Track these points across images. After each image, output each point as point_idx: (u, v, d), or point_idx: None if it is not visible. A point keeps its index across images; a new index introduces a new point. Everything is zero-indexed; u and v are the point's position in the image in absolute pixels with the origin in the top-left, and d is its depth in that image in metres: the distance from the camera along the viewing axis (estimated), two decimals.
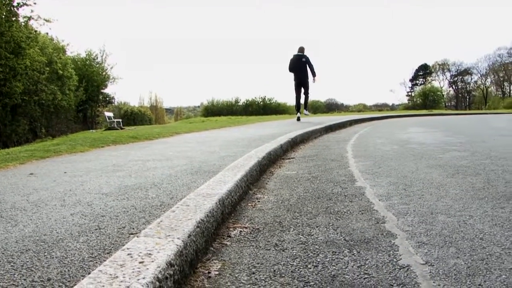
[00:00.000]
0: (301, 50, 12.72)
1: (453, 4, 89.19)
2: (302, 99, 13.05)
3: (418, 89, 62.58)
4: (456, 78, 65.73)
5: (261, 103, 39.01)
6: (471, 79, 64.93)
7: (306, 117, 13.86)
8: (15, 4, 17.68)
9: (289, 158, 5.01)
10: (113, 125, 21.73)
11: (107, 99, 32.51)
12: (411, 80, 69.36)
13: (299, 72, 12.59)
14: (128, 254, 1.48)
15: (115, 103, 35.86)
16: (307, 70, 12.63)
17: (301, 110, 13.06)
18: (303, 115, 13.22)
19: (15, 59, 17.67)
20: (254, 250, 1.91)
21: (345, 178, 3.54)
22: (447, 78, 66.86)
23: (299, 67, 12.56)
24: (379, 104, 65.27)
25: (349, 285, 1.51)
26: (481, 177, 3.31)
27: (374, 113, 29.99)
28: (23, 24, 18.58)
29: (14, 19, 17.77)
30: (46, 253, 1.71)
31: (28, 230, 2.04)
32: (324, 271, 1.64)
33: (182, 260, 1.56)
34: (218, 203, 2.28)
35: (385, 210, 2.47)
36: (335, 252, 1.83)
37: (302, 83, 12.74)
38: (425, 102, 48.43)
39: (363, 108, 57.69)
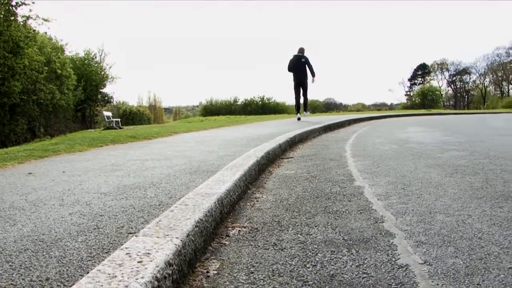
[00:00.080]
0: (301, 51, 12.79)
1: (452, 4, 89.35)
2: (301, 99, 13.11)
3: (416, 88, 62.57)
4: (455, 78, 65.82)
5: (260, 102, 38.99)
6: (470, 78, 65.11)
7: (306, 117, 13.89)
8: (13, 3, 17.67)
9: (287, 158, 5.01)
10: (111, 125, 21.71)
11: (106, 98, 32.49)
12: (409, 80, 69.48)
13: (298, 72, 12.65)
14: (127, 254, 1.47)
15: (114, 102, 35.88)
16: (307, 70, 12.71)
17: (301, 111, 13.12)
18: (302, 115, 13.27)
19: (13, 58, 17.65)
20: (253, 249, 1.91)
21: (343, 178, 3.54)
22: (445, 78, 67.03)
23: (299, 68, 12.61)
24: (377, 103, 65.40)
25: (348, 284, 1.51)
26: (480, 176, 3.32)
27: (372, 112, 30.00)
28: (21, 23, 18.56)
29: (12, 18, 17.74)
30: (44, 253, 1.71)
31: (27, 229, 2.03)
32: (322, 270, 1.64)
33: (180, 259, 1.56)
34: (217, 202, 2.28)
35: (384, 210, 2.47)
36: (334, 252, 1.83)
37: (301, 84, 12.80)
38: (424, 101, 48.40)
39: (361, 107, 57.72)
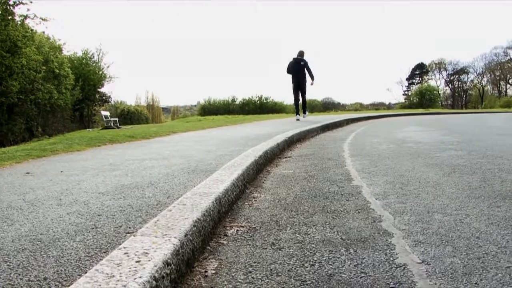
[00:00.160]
0: (301, 54, 12.87)
1: (450, 3, 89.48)
2: (300, 100, 13.15)
3: (414, 88, 62.64)
4: (453, 77, 65.87)
5: (258, 102, 38.94)
6: (468, 78, 65.17)
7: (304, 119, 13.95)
8: (11, 2, 17.60)
9: (286, 157, 5.02)
10: (109, 124, 21.67)
11: (104, 98, 32.37)
12: (407, 79, 69.51)
13: (297, 75, 12.76)
14: (125, 253, 1.47)
15: (112, 102, 35.73)
16: (305, 74, 12.81)
17: (300, 113, 13.20)
18: (302, 117, 13.32)
19: (11, 58, 17.58)
20: (251, 249, 1.91)
21: (341, 177, 3.54)
22: (443, 77, 67.08)
23: (298, 71, 12.73)
24: (376, 103, 65.28)
25: (346, 284, 1.52)
26: (478, 176, 3.33)
27: (371, 112, 30.05)
28: (19, 23, 18.48)
29: (10, 17, 17.66)
30: (42, 253, 1.70)
31: (25, 229, 2.03)
32: (320, 270, 1.64)
33: (178, 259, 1.56)
34: (214, 202, 2.28)
35: (382, 209, 2.47)
36: (332, 251, 1.83)
37: (300, 86, 12.91)
38: (422, 101, 48.48)
39: (360, 107, 57.72)
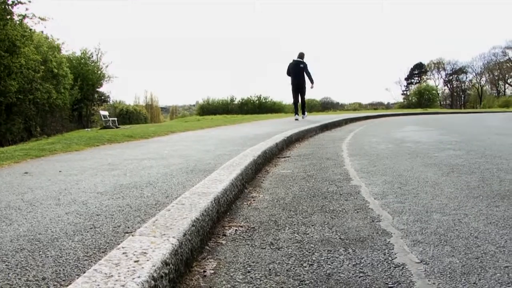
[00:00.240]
0: (301, 56, 12.91)
1: (449, 3, 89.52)
2: (299, 101, 13.20)
3: (413, 87, 62.63)
4: (451, 77, 65.90)
5: (257, 102, 38.93)
6: (466, 78, 65.15)
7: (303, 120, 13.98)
8: (9, 2, 17.58)
9: (284, 157, 5.02)
10: (108, 124, 21.65)
11: (102, 98, 32.38)
12: (406, 79, 69.54)
13: (296, 77, 12.82)
14: (123, 253, 1.47)
15: (111, 102, 35.77)
16: (305, 76, 12.85)
17: (299, 113, 13.23)
18: (301, 117, 13.35)
19: (9, 57, 17.56)
20: (250, 249, 1.91)
21: (340, 177, 3.54)
22: (442, 77, 67.09)
23: (297, 73, 12.78)
24: (374, 102, 65.24)
25: (345, 283, 1.52)
26: (476, 175, 3.33)
27: (369, 111, 30.06)
28: (17, 22, 18.47)
29: (8, 17, 17.65)
30: (41, 252, 1.70)
31: (23, 229, 2.03)
32: (319, 269, 1.64)
33: (177, 259, 1.56)
34: (213, 202, 2.28)
35: (380, 209, 2.47)
36: (331, 251, 1.83)
37: (299, 88, 12.96)
38: (420, 100, 48.49)
39: (358, 106, 57.72)
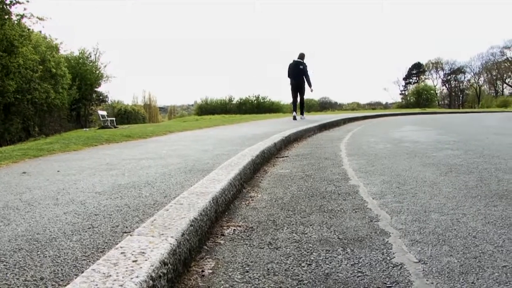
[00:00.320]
0: (301, 56, 12.93)
1: (447, 3, 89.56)
2: (298, 100, 13.25)
3: (411, 87, 62.69)
4: (450, 77, 65.95)
5: (255, 101, 38.91)
6: (464, 77, 65.22)
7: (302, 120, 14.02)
8: (7, 2, 17.54)
9: (283, 157, 5.02)
10: (106, 124, 21.61)
11: (101, 97, 32.32)
12: (404, 79, 69.53)
13: (296, 77, 12.86)
14: (122, 253, 1.47)
15: (109, 101, 35.69)
16: (304, 76, 12.79)
17: (297, 113, 13.25)
18: (299, 116, 13.38)
19: (8, 57, 17.52)
20: (248, 248, 1.91)
21: (338, 177, 3.54)
22: (440, 77, 67.11)
23: (297, 74, 12.80)
24: (372, 102, 65.26)
25: (343, 283, 1.52)
26: (474, 175, 3.33)
27: (367, 111, 30.08)
28: (16, 22, 18.43)
29: (6, 17, 17.61)
30: (39, 252, 1.70)
31: (21, 229, 2.02)
32: (317, 269, 1.64)
33: (175, 258, 1.55)
34: (211, 201, 2.27)
35: (379, 209, 2.47)
36: (329, 251, 1.83)
37: (298, 89, 12.98)
38: (419, 100, 48.52)
39: (356, 106, 57.75)
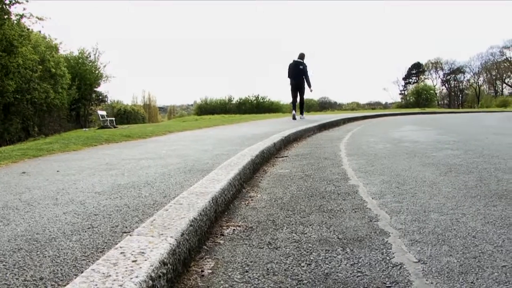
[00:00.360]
0: (301, 56, 12.95)
1: (446, 3, 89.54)
2: (298, 100, 13.28)
3: (411, 87, 62.67)
4: (449, 77, 65.96)
5: (255, 101, 38.93)
6: (464, 77, 65.24)
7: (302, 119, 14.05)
8: (7, 1, 17.52)
9: (282, 157, 5.02)
10: (106, 124, 21.61)
11: (100, 97, 32.30)
12: (404, 79, 69.52)
13: (296, 77, 12.88)
14: (121, 253, 1.47)
15: (108, 101, 35.67)
16: (304, 76, 12.81)
17: (297, 113, 13.26)
18: (298, 116, 13.39)
19: (7, 57, 17.51)
20: (248, 248, 1.91)
21: (338, 177, 3.54)
22: (440, 77, 67.12)
23: (297, 74, 12.82)
24: (372, 102, 65.23)
25: (342, 283, 1.52)
26: (474, 175, 3.33)
27: (367, 111, 30.10)
28: (15, 22, 18.41)
29: (6, 17, 17.60)
30: (38, 252, 1.70)
31: (21, 229, 2.02)
32: (317, 269, 1.64)
33: (175, 258, 1.55)
34: (211, 201, 2.27)
35: (378, 208, 2.47)
36: (328, 251, 1.83)
37: (298, 88, 13.01)
38: (418, 100, 48.52)
39: (356, 106, 57.77)
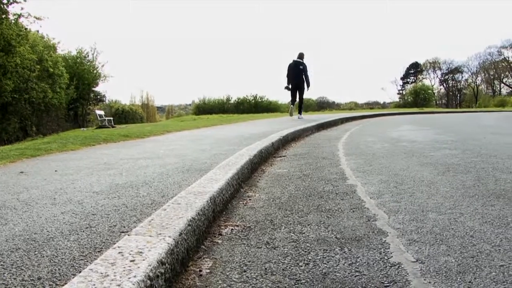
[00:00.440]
0: (301, 56, 12.97)
1: (445, 3, 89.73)
2: (297, 100, 13.31)
3: (409, 87, 62.73)
4: (447, 76, 66.11)
5: (253, 101, 38.95)
6: (462, 77, 65.42)
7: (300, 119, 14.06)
8: (4, 1, 17.48)
9: (280, 156, 5.02)
10: (104, 124, 21.59)
11: (98, 97, 32.25)
12: (402, 78, 69.68)
13: (296, 77, 12.91)
14: (119, 253, 1.47)
15: (106, 101, 35.61)
16: (303, 76, 12.83)
17: (295, 113, 13.29)
18: (297, 115, 13.41)
19: (5, 57, 17.48)
20: (246, 248, 1.91)
21: (336, 176, 3.55)
22: (438, 76, 67.28)
23: (297, 74, 12.85)
24: (370, 102, 65.30)
25: (340, 282, 1.52)
26: (472, 175, 3.34)
27: (365, 111, 30.14)
28: (13, 21, 18.37)
29: (4, 16, 17.56)
30: (36, 252, 1.69)
31: (18, 229, 2.02)
32: (315, 269, 1.64)
33: (173, 258, 1.55)
34: (209, 201, 2.27)
35: (376, 208, 2.48)
36: (326, 250, 1.83)
37: (298, 88, 13.03)
38: (416, 100, 48.61)
39: (354, 106, 57.81)
